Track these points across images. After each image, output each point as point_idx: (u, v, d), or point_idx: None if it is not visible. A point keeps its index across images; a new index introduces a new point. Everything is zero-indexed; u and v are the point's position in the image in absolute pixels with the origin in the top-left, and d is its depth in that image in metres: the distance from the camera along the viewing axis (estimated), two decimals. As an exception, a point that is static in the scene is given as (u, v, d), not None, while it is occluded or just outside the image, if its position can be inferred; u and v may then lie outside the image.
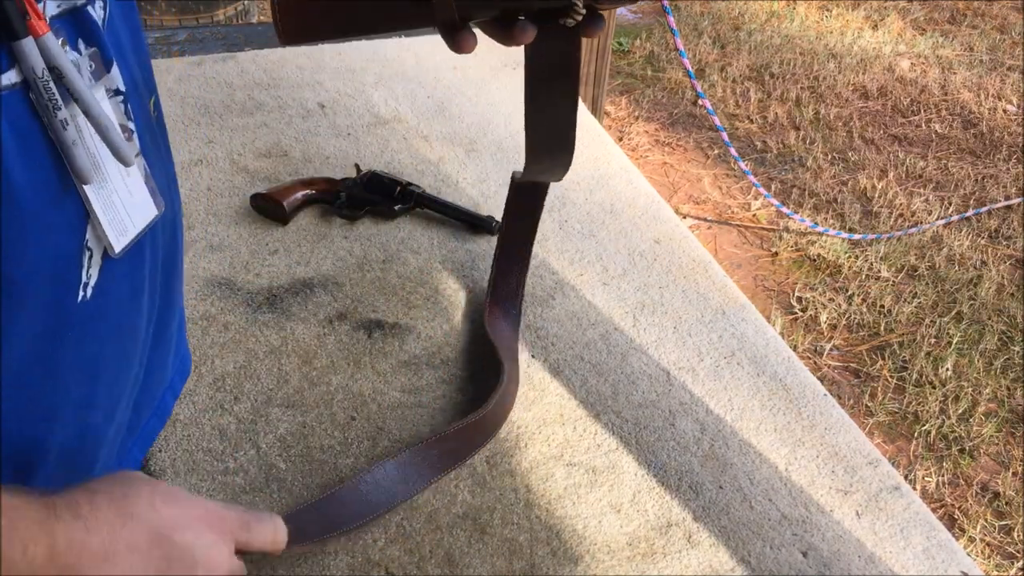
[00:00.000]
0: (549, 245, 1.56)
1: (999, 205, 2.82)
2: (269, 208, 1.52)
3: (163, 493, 0.54)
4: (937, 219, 2.74)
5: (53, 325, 0.53)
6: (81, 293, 0.55)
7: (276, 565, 1.02)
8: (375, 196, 1.56)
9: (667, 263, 1.53)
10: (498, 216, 1.59)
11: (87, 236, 0.54)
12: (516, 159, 1.76)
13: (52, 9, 0.51)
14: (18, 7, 0.47)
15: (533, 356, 1.33)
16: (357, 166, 1.61)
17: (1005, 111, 3.37)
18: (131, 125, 0.59)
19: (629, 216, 1.63)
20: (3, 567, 0.44)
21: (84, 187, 0.53)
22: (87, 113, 0.52)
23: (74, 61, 0.52)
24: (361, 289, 1.43)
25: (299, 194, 1.54)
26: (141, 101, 0.63)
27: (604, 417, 1.23)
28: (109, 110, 0.56)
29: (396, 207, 1.55)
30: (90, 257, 0.55)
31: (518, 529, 1.07)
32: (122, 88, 0.57)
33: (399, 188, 1.56)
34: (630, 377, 1.30)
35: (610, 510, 1.10)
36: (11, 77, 0.48)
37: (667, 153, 3.07)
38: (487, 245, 1.54)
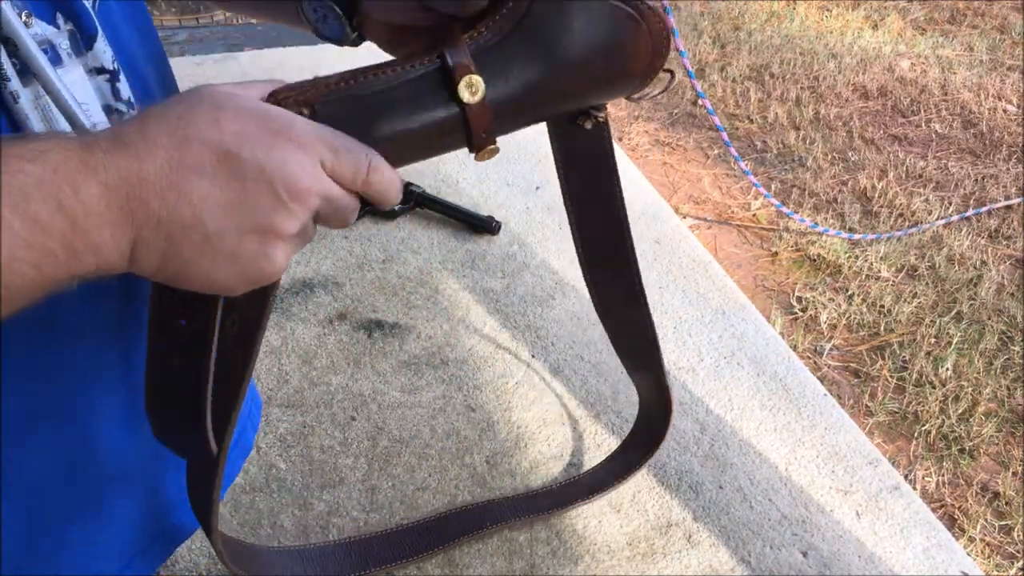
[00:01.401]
0: (549, 245, 1.55)
1: (999, 205, 2.82)
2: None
3: (233, 110, 0.44)
4: (937, 219, 2.74)
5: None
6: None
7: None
8: None
9: (667, 263, 1.53)
10: (498, 216, 1.59)
11: None
12: (516, 159, 1.76)
13: None
14: None
15: (533, 356, 1.33)
16: None
17: (1005, 111, 3.37)
18: (120, 106, 0.54)
19: (629, 216, 1.63)
20: (59, 216, 0.39)
21: None
22: (46, 89, 0.47)
23: (42, 37, 0.48)
24: (361, 289, 1.42)
25: None
26: (144, 84, 0.60)
27: (604, 417, 1.23)
28: (89, 89, 0.52)
29: (396, 207, 1.55)
30: None
31: (518, 529, 1.07)
32: (108, 67, 0.53)
33: None
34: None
35: (610, 510, 1.10)
36: None
37: (667, 153, 3.07)
38: (487, 245, 1.54)
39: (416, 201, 1.57)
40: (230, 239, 0.44)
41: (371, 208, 0.53)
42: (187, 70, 2.01)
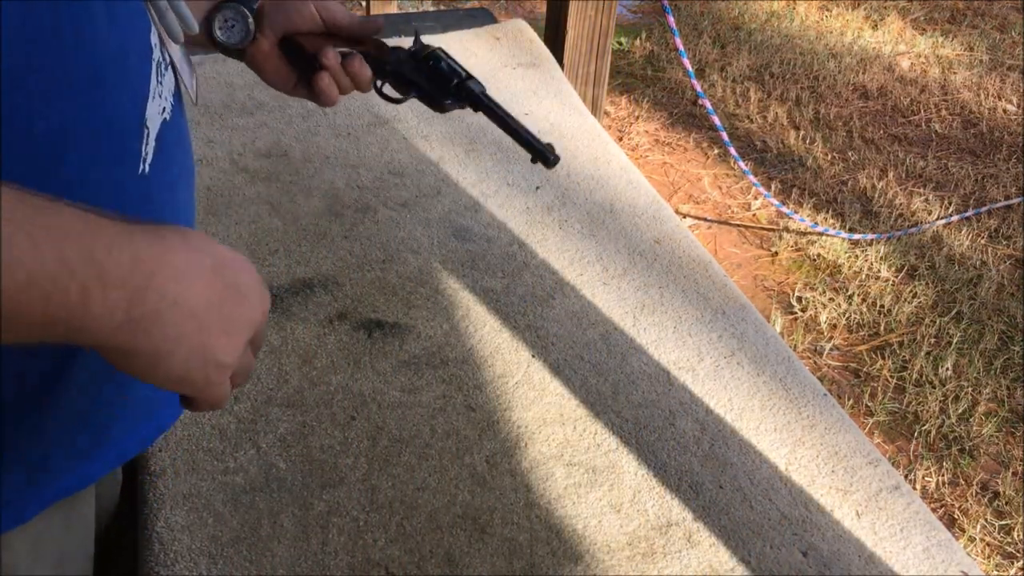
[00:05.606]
0: (549, 245, 1.56)
1: (999, 205, 2.82)
2: (298, 59, 1.04)
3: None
4: (937, 219, 2.74)
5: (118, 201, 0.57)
6: (141, 167, 0.60)
7: (276, 565, 1.02)
8: (427, 80, 1.18)
9: (667, 263, 1.53)
10: (498, 216, 1.59)
11: (147, 107, 0.61)
12: (516, 159, 1.76)
13: None
14: None
15: (533, 356, 1.33)
16: (417, 33, 1.21)
17: (1005, 111, 3.37)
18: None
19: (629, 216, 1.63)
20: (91, 266, 0.45)
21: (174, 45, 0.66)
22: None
23: None
24: (361, 289, 1.43)
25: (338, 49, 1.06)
26: None
27: (604, 417, 1.23)
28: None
29: (447, 101, 1.18)
30: (147, 134, 0.61)
31: (518, 529, 1.07)
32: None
33: (456, 80, 1.19)
34: (630, 377, 1.30)
35: (610, 510, 1.10)
36: None
37: (667, 153, 3.07)
38: (487, 245, 1.54)
39: (472, 101, 1.19)
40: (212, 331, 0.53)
41: (419, 93, 0.81)
42: (187, 70, 2.01)
